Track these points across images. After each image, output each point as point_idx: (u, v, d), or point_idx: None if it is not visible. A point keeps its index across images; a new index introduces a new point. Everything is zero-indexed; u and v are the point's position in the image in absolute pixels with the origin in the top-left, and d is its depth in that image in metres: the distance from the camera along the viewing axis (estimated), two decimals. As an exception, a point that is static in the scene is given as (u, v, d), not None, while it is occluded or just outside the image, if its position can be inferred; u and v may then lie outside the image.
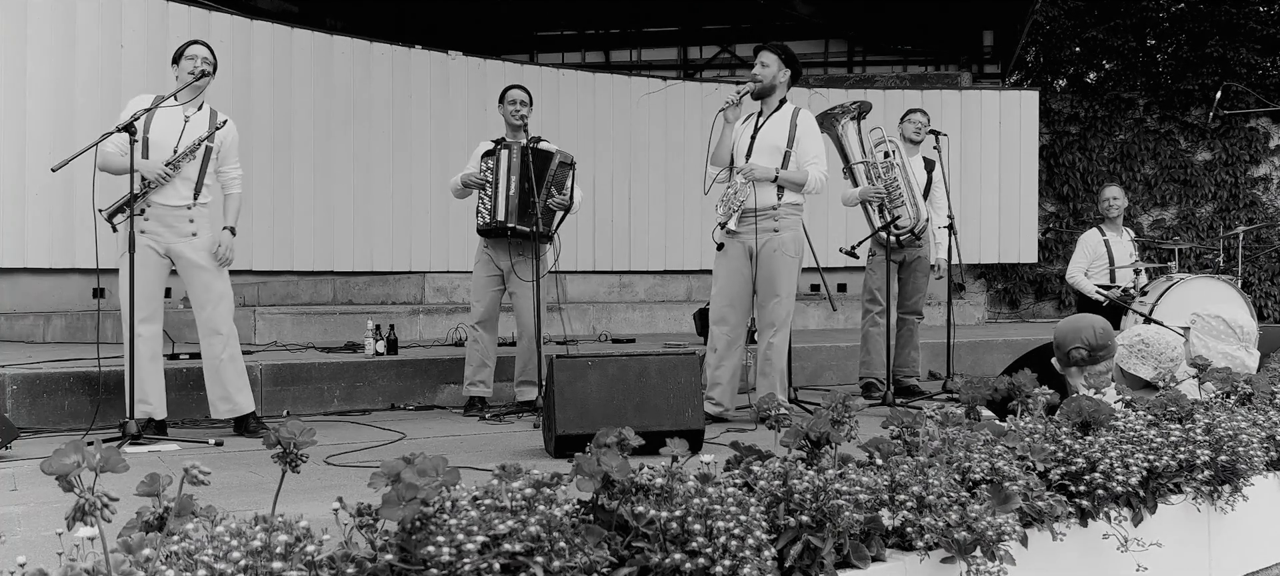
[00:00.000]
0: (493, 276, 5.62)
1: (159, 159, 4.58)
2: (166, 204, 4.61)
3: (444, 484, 1.76)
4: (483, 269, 5.65)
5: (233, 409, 4.76)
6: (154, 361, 4.65)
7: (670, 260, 10.81)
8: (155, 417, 4.63)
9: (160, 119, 4.63)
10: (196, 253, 4.68)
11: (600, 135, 10.49)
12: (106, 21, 7.81)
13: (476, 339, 5.63)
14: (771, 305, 5.24)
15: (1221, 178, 12.36)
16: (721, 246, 5.25)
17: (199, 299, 4.74)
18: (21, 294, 7.78)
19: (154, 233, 4.62)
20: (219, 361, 4.72)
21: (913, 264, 6.47)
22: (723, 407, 5.18)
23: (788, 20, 12.13)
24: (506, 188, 5.41)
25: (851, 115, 6.22)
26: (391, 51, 9.49)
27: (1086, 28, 12.58)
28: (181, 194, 4.65)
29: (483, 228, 5.53)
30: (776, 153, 5.22)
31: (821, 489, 2.11)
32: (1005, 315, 12.50)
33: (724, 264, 5.25)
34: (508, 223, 5.41)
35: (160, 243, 4.64)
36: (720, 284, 5.28)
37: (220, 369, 4.72)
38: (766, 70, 5.25)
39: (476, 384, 5.62)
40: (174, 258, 4.69)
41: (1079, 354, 3.90)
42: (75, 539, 1.64)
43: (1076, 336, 3.93)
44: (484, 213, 5.50)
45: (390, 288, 8.98)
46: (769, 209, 5.18)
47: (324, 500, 1.89)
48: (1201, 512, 2.99)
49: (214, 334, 4.72)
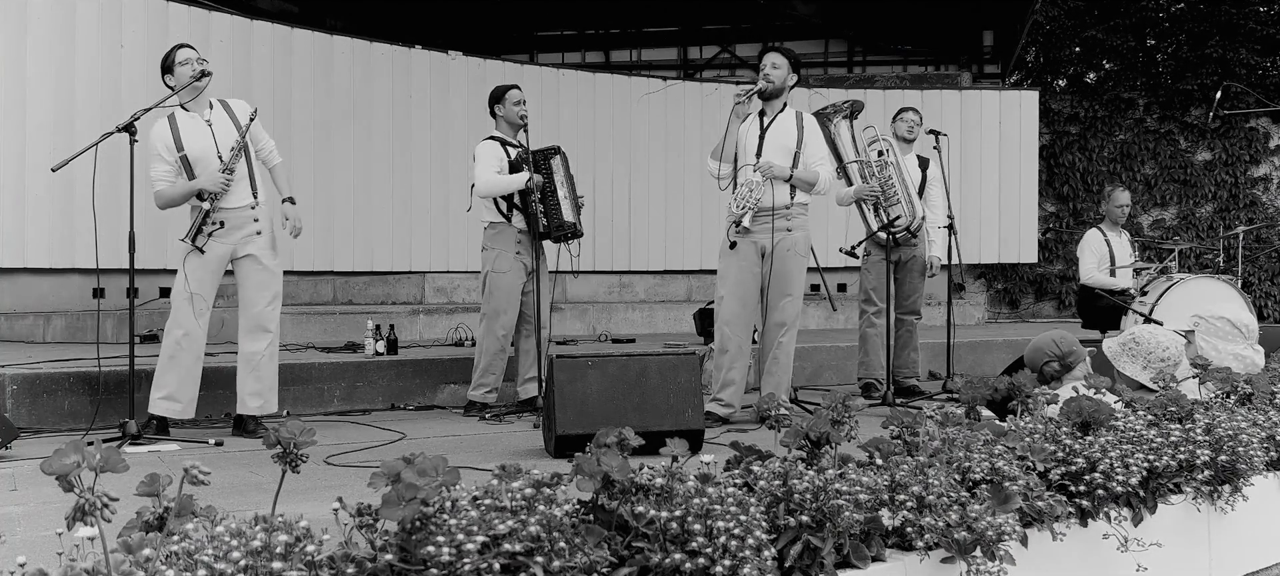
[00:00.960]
0: (522, 282, 5.60)
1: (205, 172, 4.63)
2: (233, 208, 4.68)
3: (444, 484, 1.76)
4: (517, 276, 5.56)
5: (263, 405, 4.81)
6: (198, 363, 4.71)
7: (670, 260, 10.81)
8: (184, 418, 4.68)
9: (188, 133, 4.67)
10: (262, 250, 4.76)
11: (600, 135, 10.49)
12: (106, 21, 7.81)
13: (504, 348, 5.58)
14: (783, 304, 5.23)
15: (1221, 178, 12.36)
16: (733, 244, 5.20)
17: (252, 296, 4.78)
18: (21, 294, 7.78)
19: (223, 238, 4.68)
20: (261, 357, 4.77)
21: (908, 263, 6.46)
22: (733, 409, 5.16)
23: (788, 20, 12.13)
24: (569, 191, 5.56)
25: (844, 114, 6.22)
26: (391, 51, 9.49)
27: (1086, 28, 12.58)
28: (242, 195, 4.71)
29: (553, 232, 5.52)
30: (787, 153, 5.23)
31: (821, 489, 2.11)
32: (1005, 315, 12.51)
33: (736, 262, 5.20)
34: (578, 225, 5.59)
35: (228, 244, 4.70)
36: (731, 282, 5.21)
37: (260, 364, 4.77)
38: (778, 72, 5.26)
39: (494, 390, 5.59)
40: (237, 258, 4.74)
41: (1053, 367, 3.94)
42: (75, 539, 1.64)
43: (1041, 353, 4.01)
44: (555, 214, 5.49)
45: (390, 288, 8.98)
46: (783, 208, 5.20)
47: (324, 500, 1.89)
48: (1201, 512, 2.99)
49: (262, 331, 4.78)
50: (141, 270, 5.43)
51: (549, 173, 5.50)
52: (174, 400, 4.62)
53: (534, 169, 5.45)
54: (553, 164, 5.52)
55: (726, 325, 5.22)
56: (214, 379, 5.11)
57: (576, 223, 5.60)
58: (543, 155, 5.52)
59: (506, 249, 5.55)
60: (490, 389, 5.58)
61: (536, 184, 5.44)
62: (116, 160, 5.05)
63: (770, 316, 5.24)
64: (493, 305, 5.55)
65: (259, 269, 4.76)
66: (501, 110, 5.66)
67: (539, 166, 5.48)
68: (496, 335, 5.55)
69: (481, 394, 5.57)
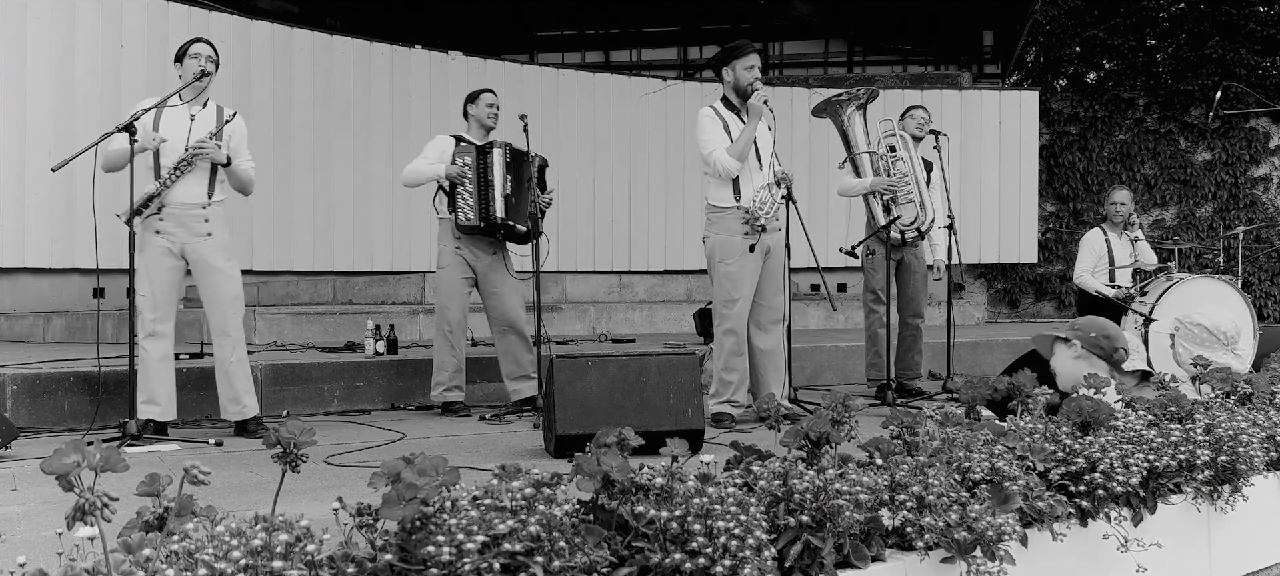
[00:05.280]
0: (466, 277, 5.58)
1: (168, 162, 4.57)
2: (182, 202, 4.60)
3: (444, 484, 1.76)
4: (456, 271, 5.55)
5: (241, 410, 4.77)
6: (164, 363, 4.65)
7: (670, 260, 10.81)
8: (163, 420, 4.64)
9: (167, 119, 4.64)
10: (212, 253, 4.67)
11: (600, 135, 10.49)
12: (106, 21, 7.81)
13: (453, 345, 5.56)
14: (778, 302, 5.24)
15: (1221, 178, 12.36)
16: (753, 248, 5.11)
17: (210, 299, 4.74)
18: (21, 294, 7.78)
19: (169, 232, 4.61)
20: (228, 363, 4.73)
21: (910, 265, 6.45)
22: (742, 407, 5.16)
23: (788, 20, 12.13)
24: (503, 186, 5.42)
25: (859, 102, 6.18)
26: (391, 51, 9.49)
27: (1086, 27, 12.58)
28: (195, 192, 4.62)
29: (469, 226, 5.44)
30: (769, 153, 5.29)
31: (821, 489, 2.11)
32: (1005, 315, 12.50)
33: (751, 265, 5.14)
34: (509, 220, 5.42)
35: (176, 243, 4.63)
36: (746, 285, 5.14)
37: (230, 369, 4.73)
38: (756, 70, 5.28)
39: (453, 389, 5.57)
40: (188, 258, 4.68)
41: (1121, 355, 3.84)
42: (75, 539, 1.64)
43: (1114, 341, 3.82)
44: (468, 210, 5.42)
45: (390, 287, 8.97)
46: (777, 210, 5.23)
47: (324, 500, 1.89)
48: (1201, 512, 2.99)
49: (224, 336, 4.73)
50: (141, 270, 5.43)
51: (485, 166, 5.42)
52: (153, 403, 4.60)
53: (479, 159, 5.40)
54: (490, 157, 5.43)
55: (741, 324, 5.16)
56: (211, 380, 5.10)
57: (506, 219, 5.41)
58: (483, 149, 5.47)
59: (447, 244, 5.59)
60: (446, 387, 5.55)
61: (453, 175, 5.40)
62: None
63: (769, 314, 5.23)
64: (438, 302, 5.66)
65: (211, 271, 4.69)
66: (474, 110, 5.71)
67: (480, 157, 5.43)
68: (441, 331, 5.58)
69: (438, 393, 5.57)
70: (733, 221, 5.14)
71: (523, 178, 5.51)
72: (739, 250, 5.11)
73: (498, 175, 5.42)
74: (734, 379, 5.14)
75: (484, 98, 5.73)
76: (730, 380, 5.13)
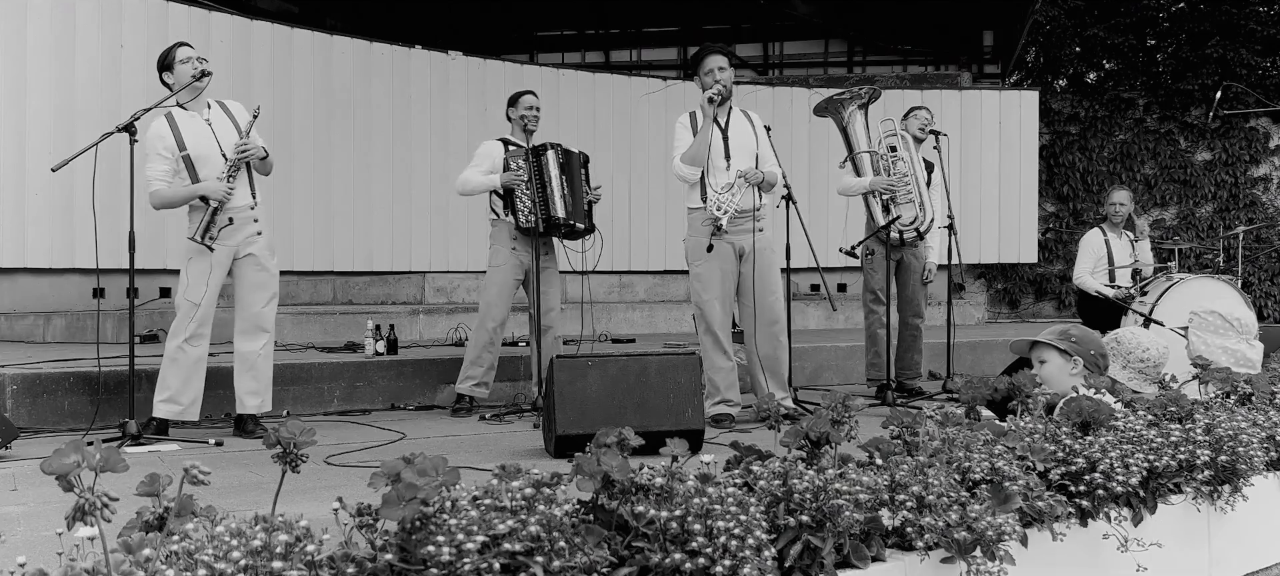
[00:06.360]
0: (518, 279, 5.65)
1: (209, 172, 4.62)
2: (234, 206, 4.68)
3: (444, 484, 1.76)
4: (510, 271, 5.61)
5: (261, 404, 4.84)
6: (200, 365, 4.71)
7: (670, 260, 10.80)
8: (182, 420, 4.67)
9: (189, 133, 4.65)
10: (263, 252, 4.78)
11: (600, 135, 10.48)
12: (106, 21, 7.81)
13: (493, 342, 5.60)
14: (770, 302, 5.26)
15: (1221, 178, 12.36)
16: (711, 248, 5.18)
17: (250, 296, 4.79)
18: (21, 294, 7.78)
19: (225, 240, 4.68)
20: (257, 356, 4.79)
21: (909, 264, 6.45)
22: (739, 406, 5.19)
23: (788, 20, 12.13)
24: (561, 187, 5.52)
25: (860, 101, 6.18)
26: (391, 51, 9.49)
27: (1086, 27, 12.58)
28: (244, 195, 4.72)
29: (530, 227, 5.48)
30: (750, 155, 5.30)
31: (821, 489, 2.11)
32: (1005, 315, 12.50)
33: (717, 265, 5.19)
34: (569, 219, 5.52)
35: (230, 247, 4.70)
36: (715, 286, 5.20)
37: (257, 364, 4.80)
38: (725, 73, 5.28)
39: (482, 386, 5.61)
40: (238, 256, 4.74)
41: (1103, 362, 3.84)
42: (75, 539, 1.64)
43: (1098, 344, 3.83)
44: (526, 212, 5.47)
45: (390, 288, 8.98)
46: (754, 210, 5.24)
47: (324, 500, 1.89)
48: (1201, 512, 2.98)
49: (259, 331, 4.81)
50: (141, 270, 5.45)
51: (540, 168, 5.50)
52: (175, 402, 4.62)
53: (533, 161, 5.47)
54: (545, 158, 5.52)
55: (719, 328, 5.21)
56: (214, 379, 5.10)
57: (567, 218, 5.52)
58: (536, 151, 5.54)
59: (502, 244, 5.62)
60: (477, 382, 5.59)
61: (509, 182, 5.47)
62: (116, 160, 5.06)
63: (760, 316, 5.24)
64: (484, 299, 5.66)
65: (258, 269, 4.77)
66: (514, 112, 5.76)
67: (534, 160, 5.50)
68: (486, 328, 5.60)
69: (468, 387, 5.60)
70: (698, 222, 5.23)
71: (574, 175, 5.62)
72: (699, 252, 5.22)
73: (554, 175, 5.52)
74: (719, 379, 5.17)
75: (524, 99, 5.77)
76: (716, 380, 5.17)
